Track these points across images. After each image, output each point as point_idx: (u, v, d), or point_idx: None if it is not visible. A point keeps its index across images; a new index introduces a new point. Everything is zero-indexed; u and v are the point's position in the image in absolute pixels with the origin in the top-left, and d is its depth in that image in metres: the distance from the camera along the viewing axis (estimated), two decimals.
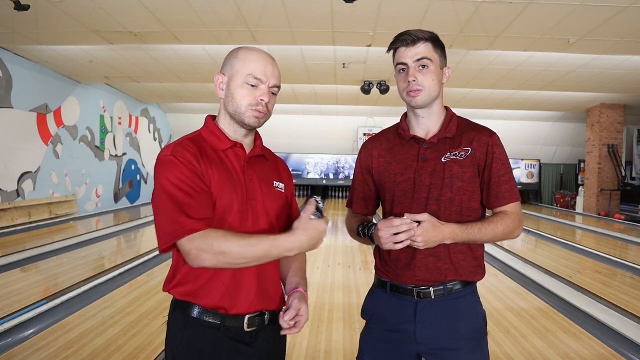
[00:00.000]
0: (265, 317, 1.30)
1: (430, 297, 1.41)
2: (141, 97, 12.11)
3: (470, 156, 1.42)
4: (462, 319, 1.42)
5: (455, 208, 1.41)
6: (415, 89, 1.41)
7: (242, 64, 1.28)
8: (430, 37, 1.42)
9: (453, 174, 1.41)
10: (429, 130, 1.48)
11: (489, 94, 10.42)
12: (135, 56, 7.80)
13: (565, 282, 4.78)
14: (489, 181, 1.43)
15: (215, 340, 1.24)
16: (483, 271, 1.49)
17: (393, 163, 1.49)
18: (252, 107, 1.27)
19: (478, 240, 1.40)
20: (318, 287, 4.51)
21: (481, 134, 1.44)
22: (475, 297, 1.48)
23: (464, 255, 1.43)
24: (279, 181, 1.39)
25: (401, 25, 5.79)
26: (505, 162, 1.44)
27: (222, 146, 1.30)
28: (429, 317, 1.41)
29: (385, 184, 1.50)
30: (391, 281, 1.47)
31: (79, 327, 3.29)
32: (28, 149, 8.14)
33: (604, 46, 6.45)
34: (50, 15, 5.63)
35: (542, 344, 3.16)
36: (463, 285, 1.43)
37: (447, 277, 1.41)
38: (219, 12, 5.52)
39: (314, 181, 15.03)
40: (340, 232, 8.66)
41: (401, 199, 1.46)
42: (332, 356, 2.93)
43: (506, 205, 1.43)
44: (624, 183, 11.85)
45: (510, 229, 1.41)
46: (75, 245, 6.27)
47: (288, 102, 11.98)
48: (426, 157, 1.44)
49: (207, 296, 1.24)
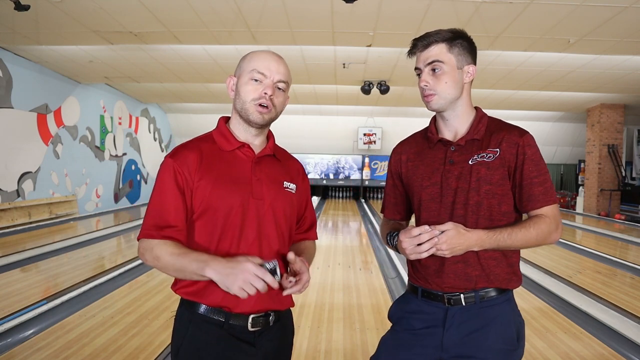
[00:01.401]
0: (270, 318, 1.31)
1: (461, 304, 1.37)
2: (141, 97, 12.11)
3: (498, 157, 1.36)
4: (493, 328, 1.36)
5: (483, 212, 1.36)
6: (428, 94, 1.39)
7: (248, 62, 1.32)
8: (444, 37, 1.37)
9: (480, 177, 1.35)
10: (457, 132, 1.44)
11: (489, 94, 10.42)
12: (135, 56, 7.80)
13: (565, 282, 4.78)
14: (520, 183, 1.36)
15: (219, 337, 1.26)
16: (518, 278, 1.43)
17: (421, 166, 1.46)
18: (256, 102, 1.29)
19: (509, 246, 1.33)
20: (318, 287, 4.51)
21: (511, 134, 1.38)
22: (511, 305, 1.41)
23: (497, 261, 1.37)
24: (290, 182, 1.39)
25: (401, 25, 5.82)
26: (539, 163, 1.36)
27: (229, 147, 1.33)
28: (458, 324, 1.37)
29: (413, 188, 1.47)
30: (422, 287, 1.44)
31: (79, 327, 3.29)
32: (28, 149, 8.14)
33: (604, 46, 6.45)
34: (50, 15, 5.63)
35: (542, 344, 3.16)
36: (497, 293, 1.38)
37: (477, 283, 1.36)
38: (219, 12, 5.52)
39: (314, 181, 15.02)
40: (340, 232, 8.66)
41: (428, 203, 1.42)
42: (332, 356, 2.93)
43: (540, 208, 1.35)
44: (624, 183, 11.85)
45: (545, 233, 1.33)
46: (75, 245, 6.27)
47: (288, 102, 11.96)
48: (453, 160, 1.40)
49: (211, 295, 1.25)
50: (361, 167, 15.13)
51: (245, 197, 1.28)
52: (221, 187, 1.27)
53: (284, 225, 1.34)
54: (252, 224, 1.28)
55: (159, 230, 1.25)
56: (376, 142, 14.76)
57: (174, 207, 1.26)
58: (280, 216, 1.33)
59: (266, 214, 1.30)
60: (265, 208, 1.30)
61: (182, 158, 1.28)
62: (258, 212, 1.29)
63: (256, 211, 1.29)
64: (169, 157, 1.30)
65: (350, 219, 10.58)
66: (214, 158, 1.31)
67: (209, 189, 1.27)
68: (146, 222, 1.28)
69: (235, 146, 1.33)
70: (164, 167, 1.29)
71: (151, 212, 1.28)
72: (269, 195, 1.32)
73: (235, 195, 1.27)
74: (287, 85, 1.35)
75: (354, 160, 15.15)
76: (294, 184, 1.40)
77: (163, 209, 1.26)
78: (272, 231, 1.31)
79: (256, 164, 1.34)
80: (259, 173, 1.33)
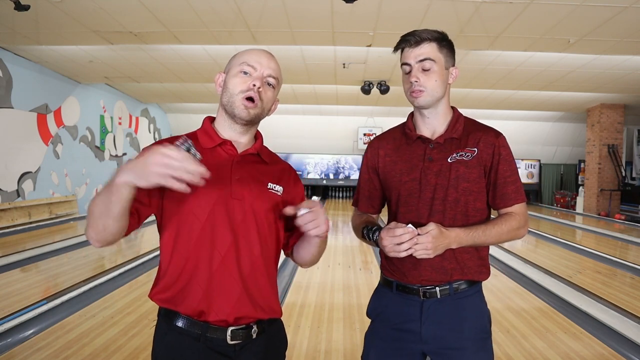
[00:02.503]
0: (252, 331, 1.24)
1: (436, 297, 1.41)
2: (141, 97, 12.11)
3: (476, 157, 1.42)
4: (467, 319, 1.42)
5: (460, 208, 1.41)
6: (417, 90, 1.41)
7: (239, 57, 1.29)
8: (435, 37, 1.41)
9: (459, 175, 1.41)
10: (435, 130, 1.48)
11: (489, 94, 10.42)
12: (135, 56, 7.80)
13: (565, 282, 4.78)
14: (495, 182, 1.43)
15: (195, 350, 1.20)
16: (488, 270, 1.49)
17: (399, 162, 1.49)
18: (243, 94, 1.24)
19: (483, 243, 1.40)
20: (318, 287, 4.51)
21: (487, 135, 1.44)
22: (481, 296, 1.48)
23: (470, 254, 1.43)
24: (277, 183, 1.31)
25: (401, 25, 5.81)
26: (512, 163, 1.44)
27: (210, 144, 1.28)
28: (434, 317, 1.41)
29: (391, 183, 1.50)
30: (397, 280, 1.47)
31: (79, 327, 3.29)
32: (28, 149, 8.14)
33: (604, 46, 6.45)
34: (50, 15, 5.63)
35: (542, 344, 3.16)
36: (468, 285, 1.43)
37: (452, 276, 1.41)
38: (219, 12, 5.52)
39: (314, 181, 15.03)
40: (340, 232, 8.66)
41: (407, 198, 1.46)
42: (332, 356, 2.93)
43: (512, 206, 1.43)
44: (624, 183, 11.85)
45: (515, 229, 1.41)
46: (75, 245, 6.27)
47: (288, 102, 11.97)
48: (432, 157, 1.44)
49: (184, 301, 1.21)
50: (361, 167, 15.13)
51: (223, 197, 1.21)
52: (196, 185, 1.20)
53: (267, 229, 1.27)
54: (229, 226, 1.21)
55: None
56: None
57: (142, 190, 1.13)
58: (262, 218, 1.25)
59: (246, 215, 1.23)
60: (245, 209, 1.23)
61: None
62: (236, 213, 1.22)
63: (234, 212, 1.22)
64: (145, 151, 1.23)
65: (350, 219, 10.56)
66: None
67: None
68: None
69: (216, 143, 1.27)
70: None
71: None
72: (249, 196, 1.24)
73: (212, 194, 1.20)
74: (277, 82, 1.29)
75: (354, 160, 15.14)
76: (280, 186, 1.31)
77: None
78: (253, 234, 1.24)
79: (237, 162, 1.27)
80: (240, 172, 1.26)
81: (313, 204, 1.19)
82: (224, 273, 1.21)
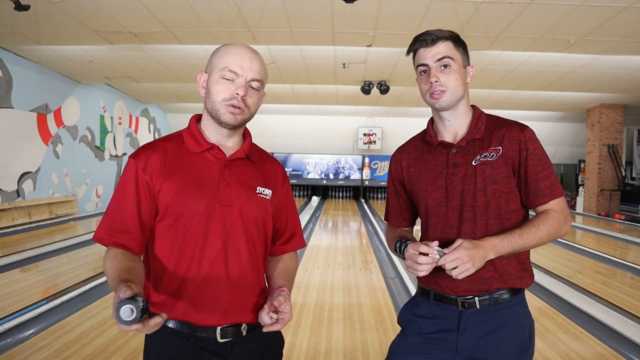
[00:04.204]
0: (242, 328, 1.23)
1: (476, 307, 1.35)
2: (141, 97, 12.11)
3: (501, 156, 1.34)
4: (506, 331, 1.34)
5: (492, 212, 1.34)
6: (439, 90, 1.34)
7: (219, 59, 1.22)
8: (450, 35, 1.36)
9: (485, 177, 1.33)
10: (457, 133, 1.41)
11: (489, 93, 10.42)
12: (135, 56, 7.80)
13: (565, 282, 4.78)
14: (525, 179, 1.34)
15: (186, 350, 1.19)
16: (530, 275, 1.41)
17: (423, 172, 1.43)
18: (227, 102, 1.20)
19: (523, 247, 1.31)
20: (318, 287, 4.51)
21: (511, 130, 1.36)
22: (524, 306, 1.40)
23: (508, 260, 1.35)
24: (265, 187, 1.29)
25: (401, 25, 5.82)
26: (542, 157, 1.34)
27: (197, 149, 1.24)
28: (473, 327, 1.35)
29: (418, 194, 1.44)
30: (434, 290, 1.41)
31: (79, 327, 3.29)
32: (28, 149, 8.14)
33: (604, 46, 6.44)
34: (50, 15, 5.63)
35: (542, 344, 3.15)
36: (511, 294, 1.36)
37: (491, 285, 1.34)
38: (219, 12, 5.52)
39: (314, 181, 15.03)
40: (340, 232, 8.66)
41: (435, 208, 1.39)
42: (332, 356, 2.93)
43: (548, 202, 1.34)
44: (624, 183, 11.85)
45: (555, 228, 1.32)
46: (75, 245, 6.27)
47: (288, 102, 11.97)
48: (456, 162, 1.37)
49: (173, 308, 1.20)
50: (361, 167, 15.13)
51: (211, 203, 1.19)
52: (184, 192, 1.19)
53: (255, 234, 1.25)
54: (218, 232, 1.19)
55: (112, 234, 1.18)
56: (376, 142, 14.76)
57: (130, 212, 1.18)
58: (251, 224, 1.24)
59: (235, 221, 1.21)
60: (233, 215, 1.21)
61: (144, 158, 1.21)
62: (225, 220, 1.20)
63: (223, 218, 1.20)
64: (131, 157, 1.22)
65: (350, 219, 10.57)
66: (180, 160, 1.22)
67: (171, 193, 1.19)
68: (101, 224, 1.21)
69: (204, 148, 1.24)
70: (127, 168, 1.22)
71: (107, 214, 1.21)
72: (238, 201, 1.22)
73: (200, 200, 1.19)
74: (261, 84, 1.24)
75: (354, 160, 15.14)
76: (269, 189, 1.29)
77: (118, 213, 1.20)
78: (242, 240, 1.22)
79: (226, 167, 1.24)
80: (228, 177, 1.23)
81: (284, 310, 1.16)
82: (212, 280, 1.20)
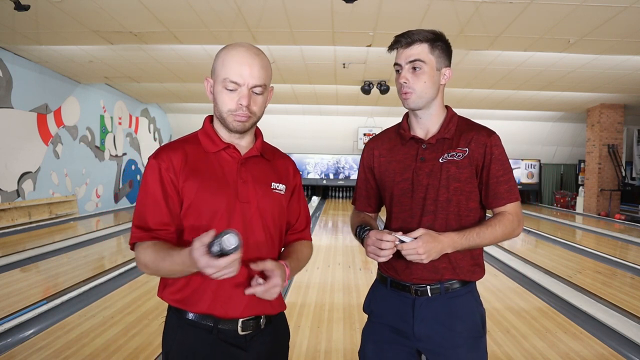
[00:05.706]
0: (261, 321, 1.28)
1: (427, 295, 1.43)
2: (141, 97, 12.11)
3: (467, 157, 1.42)
4: (459, 318, 1.42)
5: (452, 208, 1.42)
6: (406, 91, 1.42)
7: (221, 67, 1.25)
8: (427, 37, 1.40)
9: (450, 175, 1.41)
10: (429, 131, 1.48)
11: (489, 94, 10.42)
12: (135, 56, 7.80)
13: (565, 282, 4.78)
14: (487, 182, 1.43)
15: (208, 343, 1.23)
16: (481, 270, 1.49)
17: (393, 162, 1.51)
18: (232, 113, 1.23)
19: (478, 245, 1.40)
20: (318, 287, 4.51)
21: (479, 134, 1.44)
22: (474, 296, 1.48)
23: (462, 254, 1.43)
24: (279, 182, 1.34)
25: (401, 25, 5.80)
26: (505, 162, 1.44)
27: (213, 148, 1.29)
28: (426, 315, 1.42)
29: (385, 182, 1.52)
30: (391, 277, 1.49)
31: (79, 327, 3.29)
32: (28, 149, 8.14)
33: (604, 46, 6.45)
34: (50, 15, 5.63)
35: (542, 344, 3.16)
36: (461, 285, 1.44)
37: (444, 275, 1.42)
38: (219, 12, 5.52)
39: (314, 181, 15.03)
40: (340, 232, 8.66)
41: (400, 198, 1.47)
42: (332, 356, 2.93)
43: (505, 205, 1.43)
44: (624, 183, 11.85)
45: (509, 229, 1.41)
46: (75, 245, 6.27)
47: (288, 102, 11.97)
48: (424, 158, 1.45)
49: (197, 304, 1.23)
50: (359, 167, 15.14)
51: (231, 200, 1.24)
52: (205, 190, 1.23)
53: (272, 229, 1.30)
54: (239, 228, 1.21)
55: (148, 231, 1.22)
56: None
57: (160, 209, 1.22)
58: (268, 219, 1.29)
59: (253, 217, 1.26)
60: (252, 211, 1.26)
61: (166, 158, 1.24)
62: (244, 216, 1.25)
63: (242, 215, 1.24)
64: (152, 158, 1.26)
65: None
66: (199, 159, 1.26)
67: (193, 192, 1.23)
68: (133, 228, 1.25)
69: (220, 147, 1.28)
70: (148, 168, 1.25)
71: (137, 216, 1.24)
72: (255, 198, 1.27)
73: (220, 198, 1.23)
74: (264, 88, 1.26)
75: (354, 160, 15.14)
76: (282, 184, 1.34)
77: (148, 210, 1.23)
78: (261, 235, 1.27)
79: (242, 165, 1.29)
80: (245, 175, 1.28)
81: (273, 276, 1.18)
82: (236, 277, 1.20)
